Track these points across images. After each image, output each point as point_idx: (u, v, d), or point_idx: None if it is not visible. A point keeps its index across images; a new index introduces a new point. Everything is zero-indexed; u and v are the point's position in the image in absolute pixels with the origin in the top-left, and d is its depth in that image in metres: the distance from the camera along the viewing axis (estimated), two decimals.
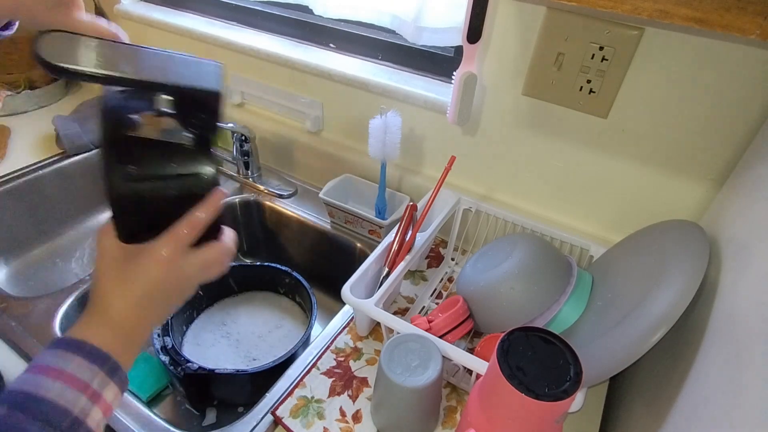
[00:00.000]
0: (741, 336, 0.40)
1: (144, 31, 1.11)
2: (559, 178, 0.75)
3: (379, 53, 0.87)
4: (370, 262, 0.67)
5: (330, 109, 0.94)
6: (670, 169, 0.66)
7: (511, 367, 0.41)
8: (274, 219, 1.00)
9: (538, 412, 0.41)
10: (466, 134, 0.80)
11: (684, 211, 0.68)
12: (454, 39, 0.74)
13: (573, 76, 0.64)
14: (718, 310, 0.46)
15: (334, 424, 0.58)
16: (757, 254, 0.43)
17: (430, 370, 0.51)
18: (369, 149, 0.79)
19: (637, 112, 0.64)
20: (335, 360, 0.66)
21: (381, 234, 0.85)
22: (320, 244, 0.95)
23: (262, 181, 1.02)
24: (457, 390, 0.64)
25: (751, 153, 0.56)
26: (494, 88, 0.73)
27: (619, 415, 0.63)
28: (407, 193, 0.89)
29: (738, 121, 0.59)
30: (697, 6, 0.37)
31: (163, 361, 0.68)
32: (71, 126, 1.13)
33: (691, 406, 0.44)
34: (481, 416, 0.46)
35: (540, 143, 0.74)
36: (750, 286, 0.42)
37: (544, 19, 0.63)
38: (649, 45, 0.59)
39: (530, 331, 0.44)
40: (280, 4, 0.92)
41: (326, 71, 0.87)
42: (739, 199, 0.54)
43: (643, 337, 0.46)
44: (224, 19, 1.03)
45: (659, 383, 0.54)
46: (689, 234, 0.55)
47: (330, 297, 0.99)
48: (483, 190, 0.85)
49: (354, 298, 0.61)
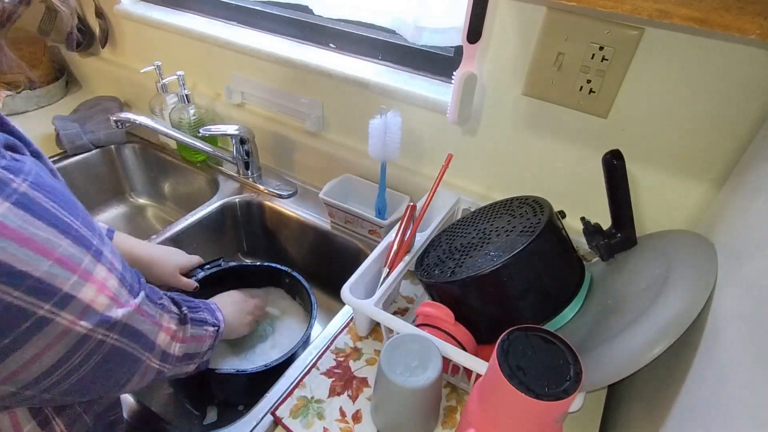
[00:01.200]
0: (735, 340, 0.40)
1: (144, 31, 1.11)
2: (558, 178, 0.75)
3: (379, 53, 0.87)
4: (370, 262, 0.67)
5: (330, 109, 0.94)
6: (669, 168, 0.66)
7: (511, 366, 0.41)
8: (274, 219, 1.00)
9: (538, 412, 0.41)
10: (466, 134, 0.80)
11: (683, 210, 0.68)
12: (454, 39, 0.74)
13: (573, 76, 0.64)
14: (718, 311, 0.46)
15: (333, 425, 0.58)
16: (754, 258, 0.43)
17: (430, 371, 0.51)
18: (369, 149, 0.79)
19: (637, 111, 0.64)
20: (335, 360, 0.66)
21: (381, 234, 0.85)
22: (320, 244, 0.95)
23: (262, 181, 1.03)
24: (457, 390, 0.64)
25: (752, 153, 0.56)
26: (494, 88, 0.73)
27: (618, 415, 0.63)
28: (407, 193, 0.89)
29: (738, 120, 0.59)
30: (697, 6, 0.37)
31: None
32: (71, 126, 1.13)
33: (690, 407, 0.44)
34: (481, 416, 0.46)
35: (540, 143, 0.74)
36: (743, 291, 0.42)
37: (544, 19, 0.63)
38: (649, 45, 0.59)
39: (530, 330, 0.44)
40: (280, 4, 0.92)
41: (326, 71, 0.87)
42: (739, 199, 0.54)
43: (646, 347, 0.46)
44: (224, 19, 1.03)
45: (659, 384, 0.54)
46: (697, 246, 0.54)
47: (330, 297, 0.99)
48: (482, 189, 0.85)
49: (354, 299, 0.61)
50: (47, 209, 0.36)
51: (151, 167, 1.19)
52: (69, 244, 0.37)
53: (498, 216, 0.65)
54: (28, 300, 0.34)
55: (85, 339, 0.39)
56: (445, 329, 0.58)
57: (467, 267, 0.58)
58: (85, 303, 0.38)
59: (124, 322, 0.42)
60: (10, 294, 0.33)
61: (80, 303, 0.38)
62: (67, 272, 0.36)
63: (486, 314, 0.59)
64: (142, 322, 0.45)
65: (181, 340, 0.53)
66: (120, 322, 0.42)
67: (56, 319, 0.36)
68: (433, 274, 0.62)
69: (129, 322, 0.43)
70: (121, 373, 0.45)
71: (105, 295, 0.40)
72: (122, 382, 0.46)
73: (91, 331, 0.39)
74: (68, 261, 0.37)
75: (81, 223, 0.39)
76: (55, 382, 0.39)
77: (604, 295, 0.59)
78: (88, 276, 0.38)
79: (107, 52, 1.26)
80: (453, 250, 0.65)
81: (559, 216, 0.61)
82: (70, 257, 0.37)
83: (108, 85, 1.28)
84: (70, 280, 0.37)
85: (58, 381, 0.39)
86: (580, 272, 0.60)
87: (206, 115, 1.06)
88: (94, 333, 0.39)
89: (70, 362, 0.39)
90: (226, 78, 1.04)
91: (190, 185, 1.13)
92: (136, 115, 0.97)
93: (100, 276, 0.40)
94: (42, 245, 0.35)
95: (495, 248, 0.58)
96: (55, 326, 0.36)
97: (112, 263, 0.42)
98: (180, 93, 1.01)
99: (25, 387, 0.38)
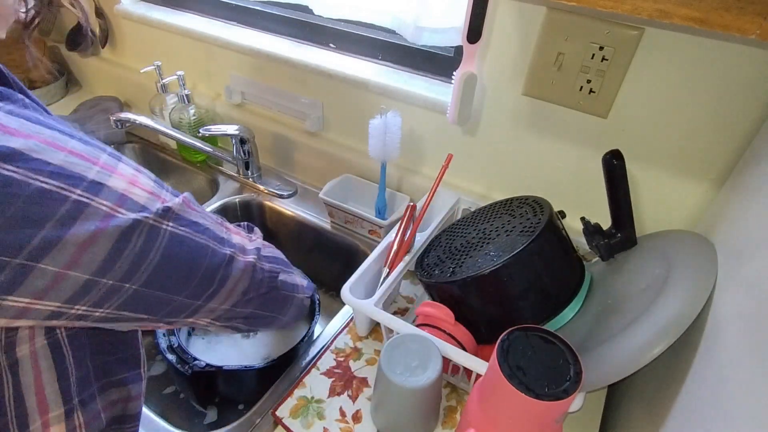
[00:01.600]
0: (735, 340, 0.40)
1: (144, 31, 1.11)
2: (558, 178, 0.75)
3: (379, 53, 0.87)
4: (370, 262, 0.67)
5: (330, 109, 0.94)
6: (670, 168, 0.66)
7: (511, 366, 0.41)
8: (274, 219, 1.00)
9: (538, 412, 0.41)
10: (466, 134, 0.80)
11: (683, 210, 0.68)
12: (454, 39, 0.74)
13: (573, 76, 0.64)
14: (718, 311, 0.46)
15: (333, 425, 0.58)
16: (754, 258, 0.43)
17: (430, 371, 0.51)
18: (369, 149, 0.79)
19: (637, 111, 0.64)
20: (335, 360, 0.66)
21: (381, 234, 0.85)
22: (320, 244, 0.95)
23: (262, 181, 1.03)
24: (457, 390, 0.64)
25: (752, 153, 0.56)
26: (494, 88, 0.73)
27: (618, 415, 0.63)
28: (407, 193, 0.89)
29: (738, 120, 0.59)
30: (697, 6, 0.37)
31: (170, 360, 0.68)
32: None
33: (690, 407, 0.44)
34: (481, 416, 0.46)
35: (540, 143, 0.74)
36: (743, 291, 0.42)
37: (544, 19, 0.63)
38: (649, 45, 0.59)
39: (530, 330, 0.44)
40: (280, 4, 0.92)
41: (326, 71, 0.87)
42: (739, 199, 0.54)
43: (646, 347, 0.46)
44: (224, 19, 1.03)
45: (659, 384, 0.54)
46: (697, 246, 0.54)
47: (330, 297, 0.99)
48: (482, 189, 0.85)
49: (353, 299, 0.61)
50: (43, 120, 0.34)
51: (151, 167, 1.17)
52: (78, 143, 0.34)
53: (498, 216, 0.65)
54: (56, 184, 0.31)
55: (135, 224, 0.35)
56: (445, 329, 0.58)
57: (467, 267, 0.58)
58: (118, 192, 0.35)
59: (176, 211, 0.39)
60: (37, 179, 0.30)
61: (113, 191, 0.34)
62: (86, 162, 0.34)
63: (486, 314, 0.59)
64: (200, 216, 0.42)
65: (261, 245, 0.51)
66: (170, 209, 0.38)
67: (93, 203, 0.33)
68: (433, 274, 0.62)
69: (182, 213, 0.40)
70: (207, 266, 0.42)
71: (140, 188, 0.37)
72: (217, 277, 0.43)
73: (139, 217, 0.35)
74: (82, 154, 0.34)
75: (84, 135, 0.36)
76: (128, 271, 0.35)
77: (604, 295, 0.59)
78: (112, 169, 0.35)
79: (107, 52, 1.26)
80: (453, 250, 0.65)
81: (559, 216, 0.61)
82: (84, 151, 0.34)
83: (108, 85, 1.28)
84: (93, 169, 0.34)
85: (130, 270, 0.36)
86: (580, 272, 0.60)
87: (206, 115, 1.06)
88: (145, 218, 0.36)
89: (130, 247, 0.35)
90: (226, 78, 1.04)
91: (190, 185, 1.13)
92: (136, 115, 0.97)
93: (127, 172, 0.37)
94: (50, 140, 0.32)
95: (495, 248, 0.58)
96: (95, 209, 0.33)
97: (139, 168, 0.39)
98: (180, 93, 1.01)
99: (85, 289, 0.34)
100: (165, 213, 0.38)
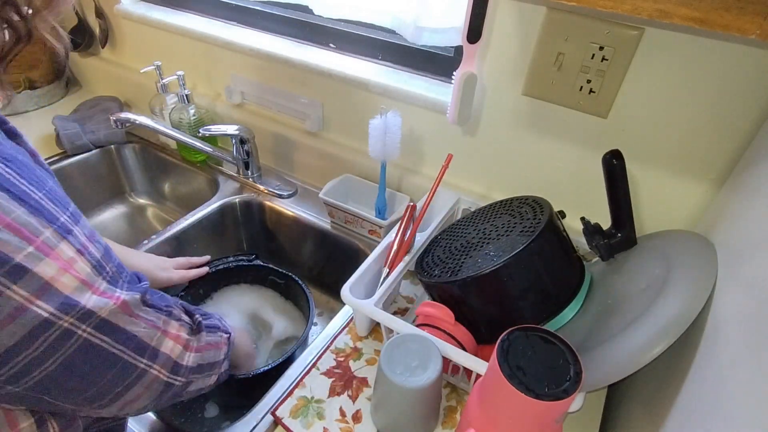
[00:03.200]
0: (735, 340, 0.40)
1: (144, 31, 1.11)
2: (558, 178, 0.75)
3: (379, 53, 0.87)
4: (370, 262, 0.67)
5: (330, 109, 0.94)
6: (670, 168, 0.66)
7: (511, 366, 0.41)
8: (274, 219, 1.00)
9: (538, 412, 0.41)
10: (466, 134, 0.80)
11: (683, 210, 0.68)
12: (454, 39, 0.74)
13: (573, 76, 0.64)
14: (718, 311, 0.46)
15: (333, 425, 0.58)
16: (754, 258, 0.43)
17: (430, 371, 0.51)
18: (369, 149, 0.79)
19: (637, 111, 0.64)
20: (335, 360, 0.66)
21: (381, 234, 0.85)
22: (320, 244, 0.95)
23: (262, 181, 1.03)
24: (457, 390, 0.64)
25: (752, 153, 0.56)
26: (494, 88, 0.73)
27: (618, 415, 0.63)
28: (407, 193, 0.89)
29: (738, 120, 0.59)
30: (697, 6, 0.37)
31: None
32: (71, 126, 1.13)
33: (690, 407, 0.44)
34: (481, 416, 0.46)
35: (540, 143, 0.74)
36: (743, 291, 0.42)
37: (544, 19, 0.63)
38: (649, 45, 0.59)
39: (530, 330, 0.44)
40: (280, 4, 0.92)
41: (326, 71, 0.87)
42: (739, 199, 0.54)
43: (646, 347, 0.46)
44: (224, 19, 1.03)
45: (659, 384, 0.54)
46: (697, 246, 0.54)
47: (330, 297, 0.99)
48: (482, 189, 0.85)
49: (353, 299, 0.61)
50: (3, 177, 0.32)
51: (151, 167, 1.19)
52: (24, 213, 0.33)
53: (498, 216, 0.65)
54: None
55: (47, 324, 0.34)
56: (445, 329, 0.58)
57: (467, 267, 0.58)
58: (43, 280, 0.33)
59: (102, 316, 0.37)
60: None
61: (37, 278, 0.33)
62: (21, 240, 0.32)
63: (486, 314, 0.59)
64: (132, 323, 0.41)
65: (196, 350, 0.50)
66: (94, 313, 0.37)
67: (7, 293, 0.32)
68: (433, 274, 0.62)
69: (111, 318, 0.38)
70: (110, 379, 0.40)
71: (71, 275, 0.35)
72: (115, 390, 0.41)
73: (54, 316, 0.34)
74: (22, 229, 0.32)
75: (44, 196, 0.35)
76: (18, 373, 0.34)
77: (604, 295, 0.59)
78: (48, 251, 0.33)
79: (107, 52, 1.26)
80: (453, 250, 0.65)
81: (559, 216, 0.61)
82: (25, 225, 0.32)
83: (108, 85, 1.28)
84: (25, 250, 0.32)
85: (20, 372, 0.34)
86: (580, 272, 0.60)
87: (206, 115, 1.06)
88: (59, 320, 0.34)
89: (31, 349, 0.34)
90: (226, 78, 1.04)
91: (190, 185, 1.13)
92: (136, 115, 0.97)
93: (65, 255, 0.35)
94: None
95: (495, 248, 0.58)
96: (6, 300, 0.32)
97: (86, 247, 0.37)
98: (180, 93, 1.01)
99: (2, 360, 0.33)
100: (86, 316, 0.36)
